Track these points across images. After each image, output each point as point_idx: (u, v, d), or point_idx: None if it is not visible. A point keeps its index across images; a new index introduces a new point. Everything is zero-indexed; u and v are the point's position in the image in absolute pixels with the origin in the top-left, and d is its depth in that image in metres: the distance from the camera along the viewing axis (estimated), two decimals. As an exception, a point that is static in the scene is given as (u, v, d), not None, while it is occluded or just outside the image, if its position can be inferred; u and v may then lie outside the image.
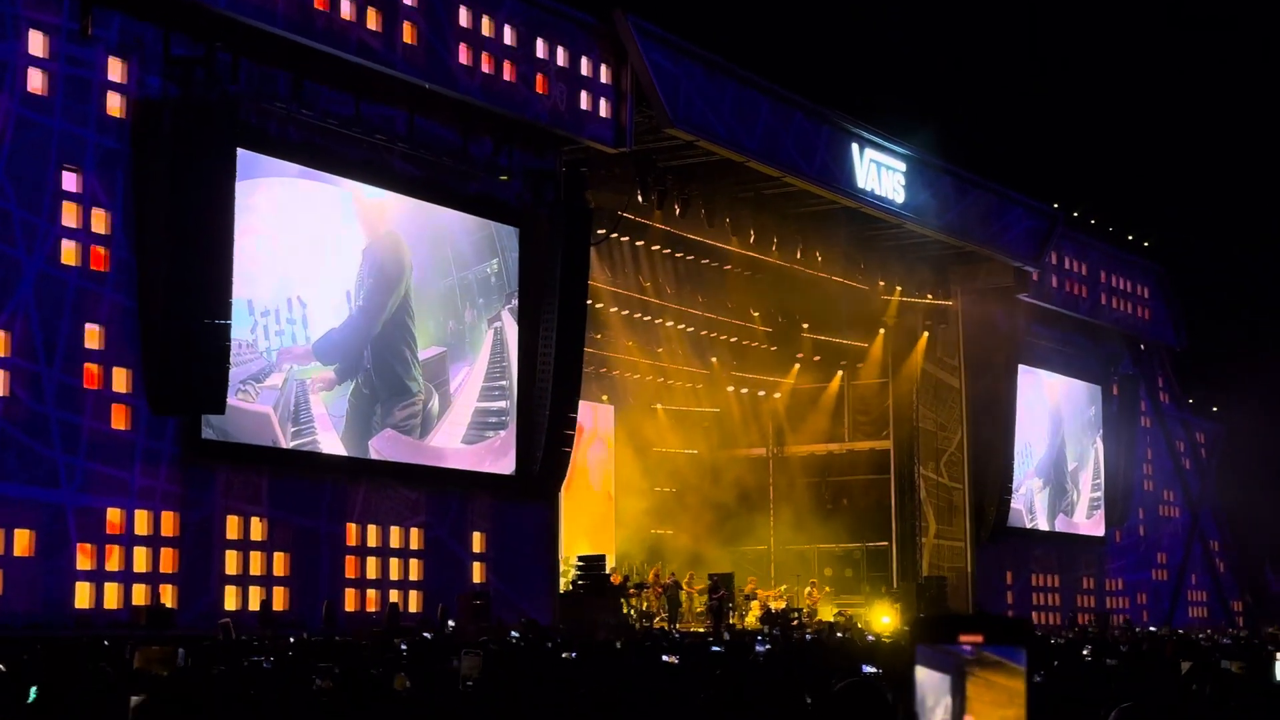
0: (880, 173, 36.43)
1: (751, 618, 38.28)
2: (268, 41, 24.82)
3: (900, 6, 55.72)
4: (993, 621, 4.04)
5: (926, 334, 43.77)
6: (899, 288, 41.41)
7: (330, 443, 26.46)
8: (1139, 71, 60.53)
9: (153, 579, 23.52)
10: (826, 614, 40.76)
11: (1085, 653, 19.22)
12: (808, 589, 41.23)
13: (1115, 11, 60.06)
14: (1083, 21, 60.90)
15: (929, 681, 4.12)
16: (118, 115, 23.45)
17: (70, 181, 22.91)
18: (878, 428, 45.47)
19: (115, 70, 23.47)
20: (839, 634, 31.60)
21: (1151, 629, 41.65)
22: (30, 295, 22.30)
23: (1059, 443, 46.82)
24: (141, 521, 23.44)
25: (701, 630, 33.98)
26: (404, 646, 18.44)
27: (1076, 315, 46.35)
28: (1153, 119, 59.36)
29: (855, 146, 35.80)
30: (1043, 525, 45.71)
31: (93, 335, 23.07)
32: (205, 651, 15.22)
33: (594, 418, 43.08)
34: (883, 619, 39.16)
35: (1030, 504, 45.06)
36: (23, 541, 22.03)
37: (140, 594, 23.36)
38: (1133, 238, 49.10)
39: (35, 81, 22.60)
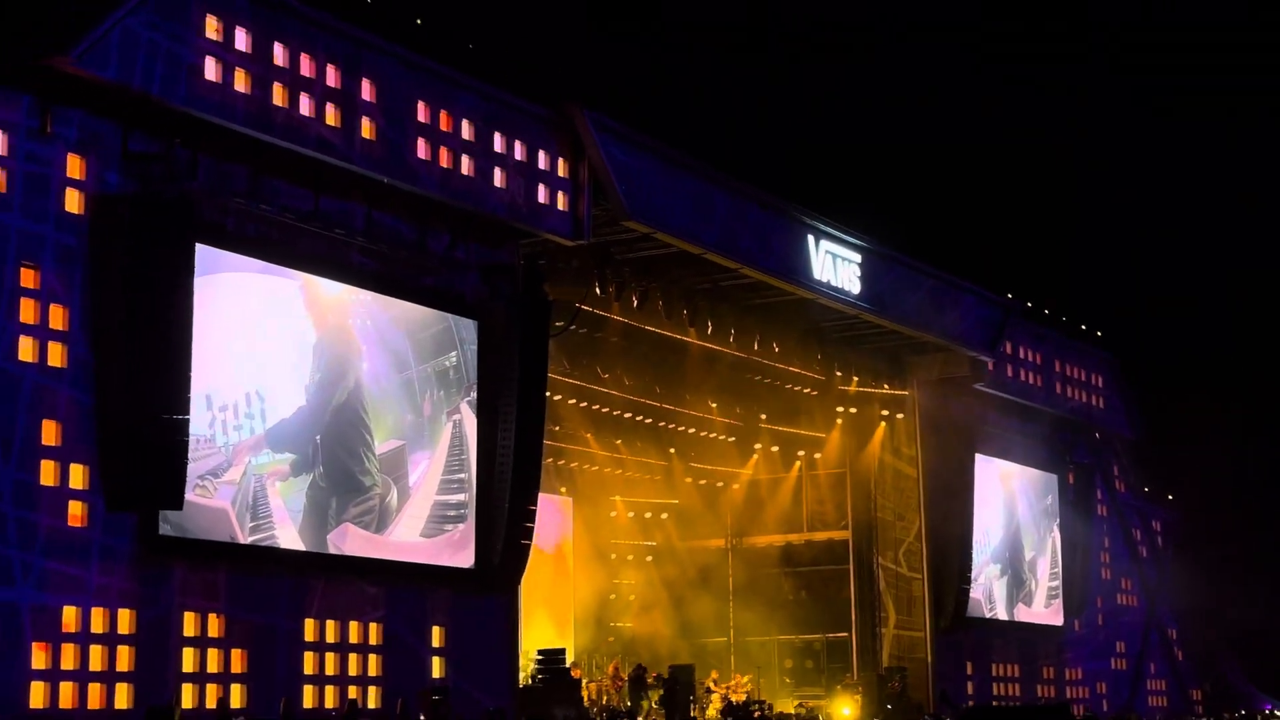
0: (836, 264, 36.66)
1: (713, 710, 38.11)
2: (226, 137, 24.88)
3: (857, 100, 56.40)
4: (1033, 713, 4.06)
5: (884, 424, 43.92)
6: (856, 378, 41.59)
7: (288, 537, 26.28)
8: (1089, 161, 61.35)
9: (109, 678, 23.23)
10: (787, 706, 40.61)
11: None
12: (746, 679, 40.89)
13: (1068, 102, 60.95)
14: (1035, 112, 61.77)
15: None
16: (76, 212, 23.40)
17: (28, 278, 22.81)
18: (836, 518, 45.52)
19: (74, 167, 23.44)
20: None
21: (1113, 718, 41.63)
22: (-14, 392, 22.18)
23: (1016, 532, 46.88)
24: (98, 619, 23.17)
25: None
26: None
27: (1032, 404, 46.58)
28: (1106, 209, 60.09)
29: (811, 238, 36.03)
30: (1002, 615, 45.70)
31: (49, 431, 22.88)
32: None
33: (553, 510, 42.96)
34: (844, 711, 39.04)
35: (989, 593, 45.07)
36: (-24, 641, 21.78)
37: (95, 693, 23.06)
38: (1085, 327, 49.52)
39: (-6, 179, 22.58)
